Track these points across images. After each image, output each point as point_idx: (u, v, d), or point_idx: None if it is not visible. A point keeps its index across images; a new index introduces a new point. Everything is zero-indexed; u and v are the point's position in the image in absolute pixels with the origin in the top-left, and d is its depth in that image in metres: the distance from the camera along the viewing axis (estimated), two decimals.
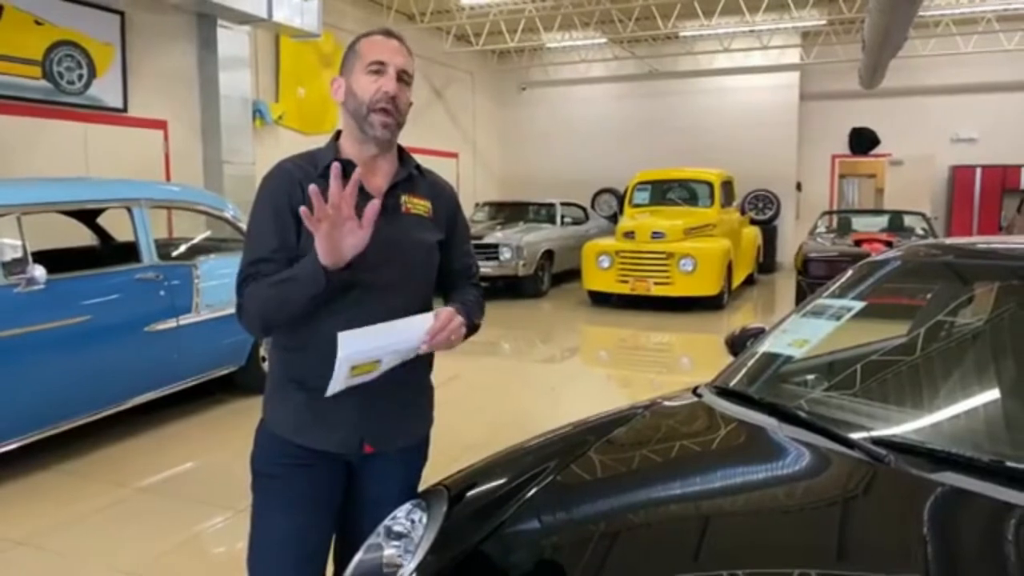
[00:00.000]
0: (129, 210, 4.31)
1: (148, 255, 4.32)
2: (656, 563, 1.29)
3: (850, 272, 2.22)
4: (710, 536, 1.40)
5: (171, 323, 4.36)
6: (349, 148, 1.57)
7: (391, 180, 1.58)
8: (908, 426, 1.67)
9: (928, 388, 1.92)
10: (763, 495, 1.54)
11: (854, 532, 1.35)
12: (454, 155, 13.55)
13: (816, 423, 1.64)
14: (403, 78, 1.55)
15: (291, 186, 1.52)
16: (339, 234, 1.39)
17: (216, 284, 4.58)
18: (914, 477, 1.40)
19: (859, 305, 2.03)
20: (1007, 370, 1.87)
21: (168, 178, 7.90)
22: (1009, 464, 1.38)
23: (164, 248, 4.74)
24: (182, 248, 5.14)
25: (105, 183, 5.06)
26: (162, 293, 4.34)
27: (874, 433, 1.56)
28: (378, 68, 1.52)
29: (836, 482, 1.52)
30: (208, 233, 5.57)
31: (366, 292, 1.52)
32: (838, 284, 2.18)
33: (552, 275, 10.50)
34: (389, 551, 1.47)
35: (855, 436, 1.55)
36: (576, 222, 11.79)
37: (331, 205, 1.36)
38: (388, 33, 1.57)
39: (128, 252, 4.36)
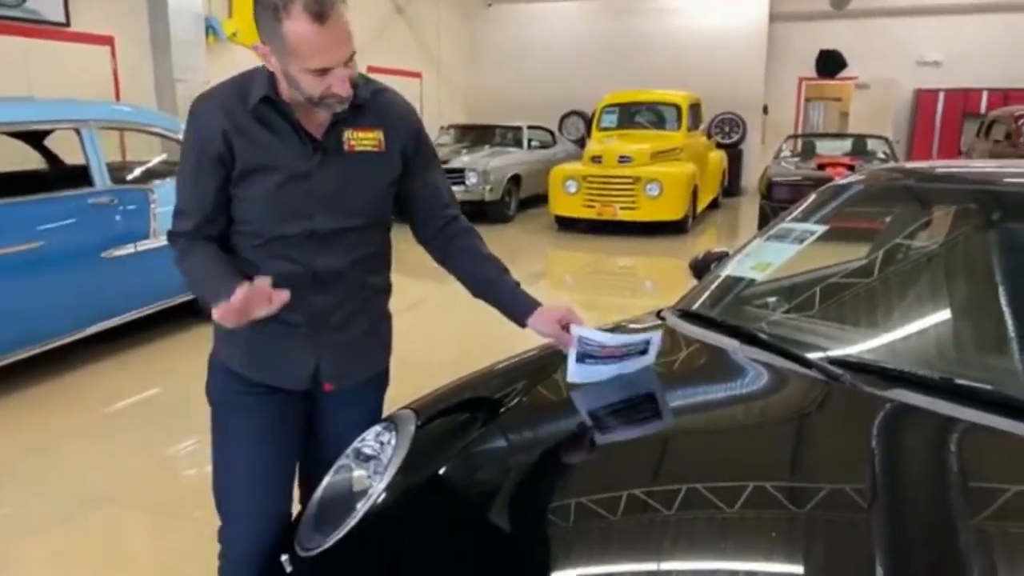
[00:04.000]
0: (78, 132, 4.13)
1: (101, 179, 4.17)
2: (619, 478, 1.33)
3: (813, 196, 2.24)
4: (671, 452, 1.45)
5: (128, 249, 4.26)
6: (284, 89, 1.40)
7: (332, 116, 1.43)
8: (864, 346, 1.72)
9: (884, 309, 1.97)
10: (722, 413, 1.59)
11: (807, 447, 1.41)
12: (417, 75, 13.14)
13: (776, 344, 1.68)
14: (348, 64, 1.35)
15: (213, 133, 1.40)
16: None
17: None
18: (867, 394, 1.45)
19: (821, 229, 2.05)
20: (959, 292, 1.93)
21: (118, 98, 7.55)
22: (958, 381, 1.43)
23: (118, 172, 4.57)
24: (137, 172, 4.96)
25: (51, 103, 4.82)
26: (117, 218, 4.22)
27: (831, 353, 1.61)
28: (323, 72, 1.32)
29: (792, 400, 1.57)
30: (164, 156, 5.38)
31: (320, 241, 1.47)
32: (801, 208, 2.20)
33: (519, 200, 10.43)
34: (358, 472, 1.48)
35: (813, 356, 1.59)
36: (543, 146, 11.63)
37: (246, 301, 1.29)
38: (319, 17, 1.26)
39: (80, 176, 4.21)
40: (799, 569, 1.07)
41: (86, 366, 4.23)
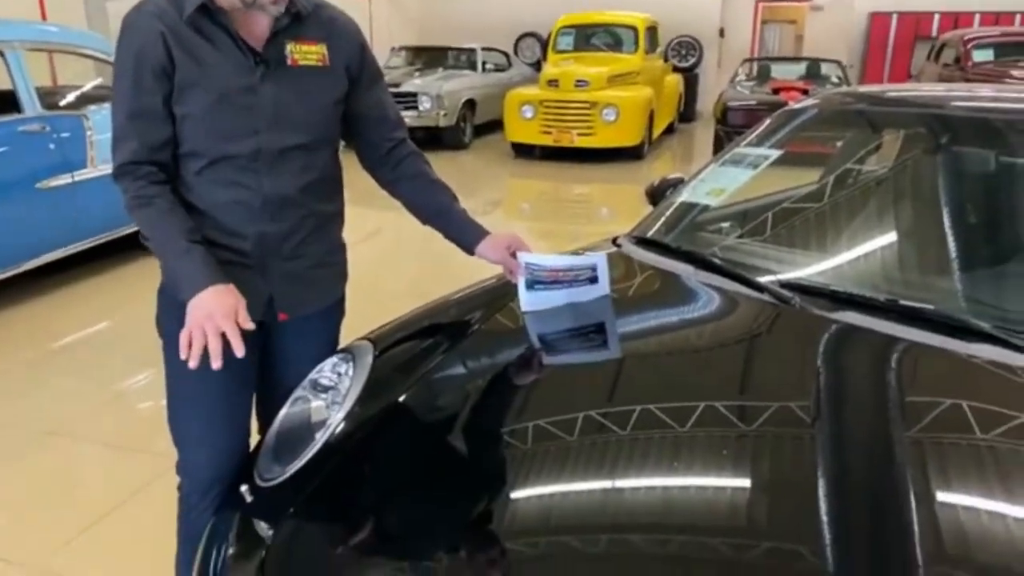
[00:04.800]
0: (2, 54, 3.88)
1: (30, 104, 3.95)
2: (575, 400, 1.36)
3: (768, 121, 2.24)
4: (625, 375, 1.48)
5: (65, 179, 4.08)
6: None
7: (272, 27, 1.37)
8: (813, 269, 1.76)
9: (833, 233, 2.01)
10: (675, 337, 1.62)
11: (757, 368, 1.45)
12: None
13: (728, 269, 1.71)
14: None
15: (152, 43, 1.33)
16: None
17: None
18: (815, 316, 1.49)
19: (776, 153, 2.07)
20: (906, 215, 1.98)
21: (44, 17, 7.07)
22: (902, 302, 1.48)
23: (49, 97, 4.33)
24: (70, 97, 4.71)
25: None
26: (51, 147, 4.02)
27: (782, 277, 1.64)
28: None
29: (743, 323, 1.61)
30: (99, 80, 5.11)
31: (267, 163, 1.42)
32: (756, 133, 2.21)
33: (475, 126, 10.23)
34: (316, 403, 1.48)
35: (764, 280, 1.62)
36: (499, 69, 11.36)
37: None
38: None
39: (7, 102, 3.97)
40: (747, 483, 1.12)
41: (30, 300, 4.10)
